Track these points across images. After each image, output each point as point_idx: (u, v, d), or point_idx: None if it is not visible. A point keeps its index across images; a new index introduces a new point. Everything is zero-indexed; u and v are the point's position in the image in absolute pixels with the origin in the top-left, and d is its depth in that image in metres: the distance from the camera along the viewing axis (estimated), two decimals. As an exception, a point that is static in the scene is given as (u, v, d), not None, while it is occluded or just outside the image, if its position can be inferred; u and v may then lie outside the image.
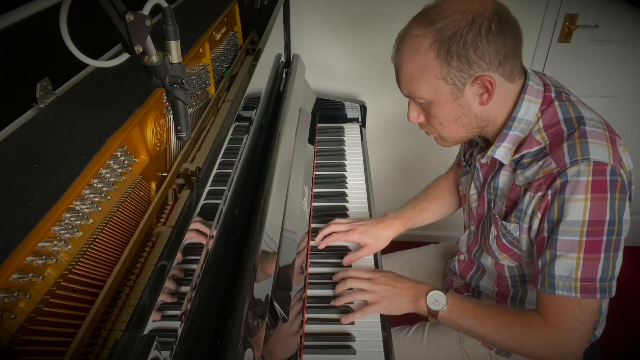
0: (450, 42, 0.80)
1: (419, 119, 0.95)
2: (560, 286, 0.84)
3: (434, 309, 0.95)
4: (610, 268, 0.83)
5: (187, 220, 0.71)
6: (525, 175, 0.88)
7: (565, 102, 0.89)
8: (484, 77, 0.83)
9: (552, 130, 0.87)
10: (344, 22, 1.89)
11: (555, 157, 0.83)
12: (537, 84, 0.90)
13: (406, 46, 0.86)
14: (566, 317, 0.85)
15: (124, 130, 0.77)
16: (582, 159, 0.80)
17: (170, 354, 0.59)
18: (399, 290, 1.00)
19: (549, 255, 0.85)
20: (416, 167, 2.21)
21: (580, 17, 1.87)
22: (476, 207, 1.05)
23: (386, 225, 1.17)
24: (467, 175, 1.11)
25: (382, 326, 0.99)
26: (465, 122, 0.90)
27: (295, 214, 1.10)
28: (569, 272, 0.83)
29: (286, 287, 0.92)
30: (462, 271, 1.16)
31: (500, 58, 0.82)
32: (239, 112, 1.00)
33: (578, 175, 0.80)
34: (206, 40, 1.19)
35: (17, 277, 0.54)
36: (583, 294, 0.83)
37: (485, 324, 0.92)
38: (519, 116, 0.89)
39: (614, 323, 1.21)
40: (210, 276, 0.76)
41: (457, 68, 0.82)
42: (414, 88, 0.88)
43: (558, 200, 0.82)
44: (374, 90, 2.02)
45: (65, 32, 0.59)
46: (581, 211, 0.80)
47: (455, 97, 0.86)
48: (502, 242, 0.97)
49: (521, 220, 0.90)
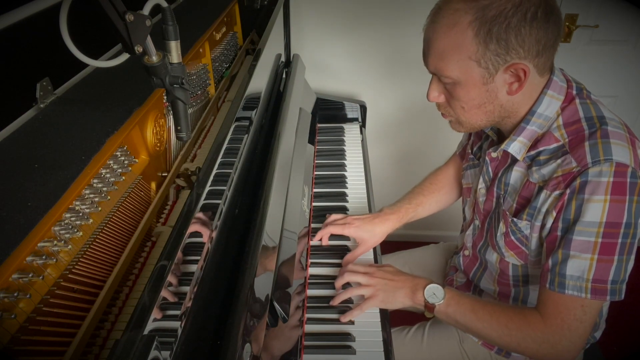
0: (492, 23, 0.76)
1: (439, 98, 0.90)
2: (571, 286, 0.83)
3: (431, 302, 0.94)
4: (623, 270, 0.82)
5: (187, 220, 0.71)
6: (542, 173, 0.86)
7: (587, 100, 0.87)
8: (519, 65, 0.79)
9: (573, 128, 0.84)
10: (344, 22, 1.89)
11: (576, 156, 0.81)
12: (561, 81, 0.88)
13: (443, 19, 0.80)
14: (566, 316, 0.85)
15: (124, 130, 0.77)
16: (604, 159, 0.79)
17: (170, 354, 0.59)
18: (396, 283, 0.99)
19: (562, 255, 0.83)
20: (416, 167, 2.21)
21: (580, 17, 1.87)
22: (483, 201, 1.03)
23: (382, 220, 1.17)
24: (474, 168, 1.09)
25: (382, 326, 0.99)
26: (488, 109, 0.87)
27: (295, 214, 1.10)
28: (581, 272, 0.82)
29: (286, 287, 0.92)
30: (466, 267, 1.16)
31: (539, 48, 0.78)
32: (239, 112, 1.00)
33: (600, 175, 0.78)
34: (206, 40, 1.19)
35: (17, 277, 0.54)
36: (593, 294, 0.82)
37: (483, 319, 0.91)
38: (539, 111, 0.87)
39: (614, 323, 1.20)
40: (210, 276, 0.76)
41: (494, 51, 0.78)
42: (443, 66, 0.83)
43: (577, 200, 0.80)
44: (374, 90, 2.02)
45: (65, 32, 0.59)
46: (599, 212, 0.79)
47: (485, 81, 0.82)
48: (511, 239, 0.95)
49: (534, 219, 0.88)
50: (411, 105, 2.03)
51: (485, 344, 1.10)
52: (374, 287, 0.99)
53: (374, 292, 0.99)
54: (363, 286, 1.00)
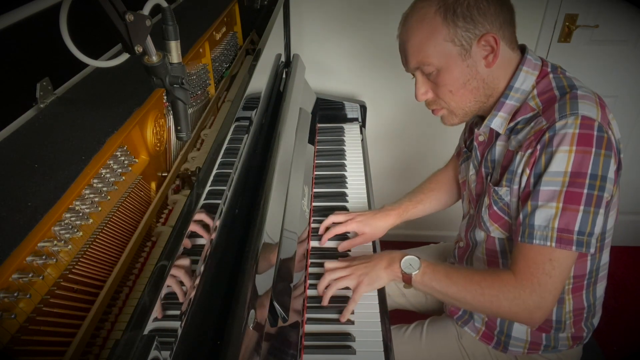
0: (455, 5, 0.86)
1: (427, 95, 0.97)
2: (538, 235, 0.85)
3: (407, 272, 0.97)
4: (590, 223, 0.83)
5: (187, 220, 0.71)
6: (518, 139, 0.91)
7: (560, 75, 0.93)
8: (488, 35, 0.87)
9: (546, 97, 0.90)
10: (344, 22, 1.90)
11: (546, 115, 0.87)
12: (535, 59, 0.94)
13: (412, 18, 0.91)
14: (535, 270, 0.86)
15: (124, 130, 0.77)
16: (570, 113, 0.83)
17: (170, 354, 0.59)
18: (374, 261, 1.02)
19: (530, 207, 0.86)
20: (416, 167, 2.21)
21: (580, 17, 1.87)
22: (475, 186, 1.06)
23: (383, 216, 1.20)
24: (467, 161, 1.12)
25: (381, 326, 0.99)
26: (473, 86, 0.92)
27: (295, 214, 1.10)
28: (547, 221, 0.84)
29: (286, 287, 0.92)
30: (460, 256, 1.18)
31: (500, 21, 0.88)
32: (239, 112, 1.00)
33: (565, 127, 0.82)
34: (206, 40, 1.19)
35: (17, 277, 0.54)
36: (558, 243, 0.84)
37: (457, 282, 0.94)
38: (516, 85, 0.93)
39: (614, 323, 1.21)
40: (210, 276, 0.76)
41: (463, 28, 0.87)
42: (423, 55, 0.91)
43: (545, 153, 0.84)
44: (374, 90, 2.02)
45: (65, 32, 0.59)
46: (565, 162, 0.82)
47: (464, 58, 0.89)
48: (494, 210, 0.98)
49: (512, 182, 0.92)
50: (411, 105, 2.03)
51: (483, 337, 1.10)
52: (356, 274, 1.01)
53: (357, 279, 1.01)
54: (345, 277, 1.02)
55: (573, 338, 1.06)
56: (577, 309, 1.03)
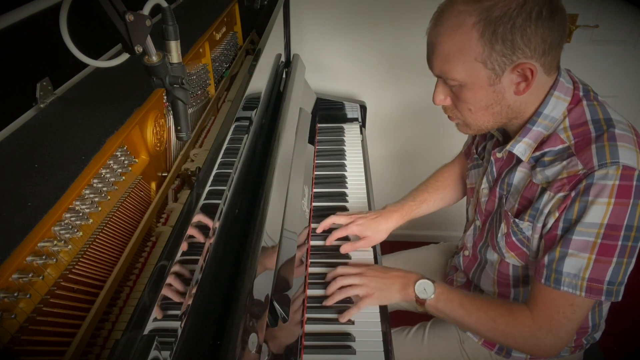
0: (497, 23, 0.75)
1: (445, 101, 0.90)
2: (567, 283, 0.83)
3: (421, 297, 0.96)
4: (622, 273, 0.81)
5: (187, 220, 0.71)
6: (546, 174, 0.85)
7: (594, 102, 0.86)
8: (525, 65, 0.79)
9: (579, 130, 0.83)
10: (344, 22, 1.89)
11: (582, 158, 0.80)
12: (568, 82, 0.87)
13: (447, 21, 0.80)
14: (555, 313, 0.85)
15: (124, 130, 0.77)
16: (611, 162, 0.78)
17: (170, 354, 0.59)
18: (389, 279, 1.01)
19: (559, 253, 0.83)
20: (416, 167, 2.21)
21: (580, 17, 1.87)
22: (485, 202, 1.03)
23: (385, 218, 1.18)
24: (478, 168, 1.09)
25: (382, 326, 0.99)
26: (496, 110, 0.86)
27: (295, 214, 1.10)
28: (578, 270, 0.82)
29: (286, 287, 0.91)
30: (466, 267, 1.16)
31: (545, 47, 0.78)
32: (239, 112, 1.00)
33: (605, 178, 0.78)
34: (206, 40, 1.19)
35: (17, 277, 0.54)
36: (588, 293, 0.82)
37: (471, 313, 0.93)
38: (545, 112, 0.86)
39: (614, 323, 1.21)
40: (210, 276, 0.76)
41: (500, 52, 0.77)
42: (448, 68, 0.83)
43: (580, 201, 0.80)
44: (374, 90, 2.02)
45: (65, 32, 0.59)
46: (602, 214, 0.78)
47: (492, 82, 0.81)
48: (512, 240, 0.95)
49: (536, 220, 0.88)
50: (411, 105, 2.03)
51: (486, 343, 1.10)
52: (368, 286, 1.01)
53: (368, 290, 1.00)
54: (357, 286, 1.01)
55: (574, 347, 1.07)
56: (583, 327, 1.03)
